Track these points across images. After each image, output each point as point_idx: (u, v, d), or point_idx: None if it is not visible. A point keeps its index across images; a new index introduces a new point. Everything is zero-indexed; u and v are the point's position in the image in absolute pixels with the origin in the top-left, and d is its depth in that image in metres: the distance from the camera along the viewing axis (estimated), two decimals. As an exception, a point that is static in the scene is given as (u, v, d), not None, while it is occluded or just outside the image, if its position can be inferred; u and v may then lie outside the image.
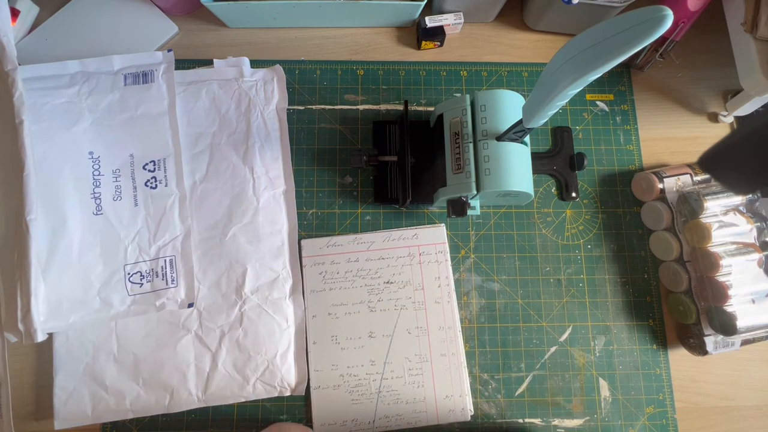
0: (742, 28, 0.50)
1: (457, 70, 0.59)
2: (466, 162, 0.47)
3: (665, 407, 0.51)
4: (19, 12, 0.54)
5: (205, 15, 0.59)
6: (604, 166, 0.56)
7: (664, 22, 0.25)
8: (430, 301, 0.51)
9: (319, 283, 0.52)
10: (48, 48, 0.56)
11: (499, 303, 0.53)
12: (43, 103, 0.50)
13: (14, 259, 0.43)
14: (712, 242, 0.47)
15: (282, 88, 0.56)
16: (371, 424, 0.48)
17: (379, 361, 0.50)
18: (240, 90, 0.55)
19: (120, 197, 0.50)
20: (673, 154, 0.57)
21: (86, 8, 0.57)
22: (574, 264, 0.54)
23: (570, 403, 0.50)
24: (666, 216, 0.51)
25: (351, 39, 0.59)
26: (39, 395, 0.49)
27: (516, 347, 0.52)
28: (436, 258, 0.53)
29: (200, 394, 0.48)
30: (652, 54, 0.56)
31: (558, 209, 0.55)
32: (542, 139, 0.57)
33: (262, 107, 0.55)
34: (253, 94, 0.55)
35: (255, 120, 0.54)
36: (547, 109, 0.36)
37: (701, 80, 0.59)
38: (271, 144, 0.54)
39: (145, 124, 0.52)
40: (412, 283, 0.52)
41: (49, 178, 0.48)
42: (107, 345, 0.48)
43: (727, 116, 0.57)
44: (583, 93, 0.58)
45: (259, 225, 0.51)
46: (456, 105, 0.49)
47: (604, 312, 0.53)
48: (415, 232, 0.53)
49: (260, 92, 0.55)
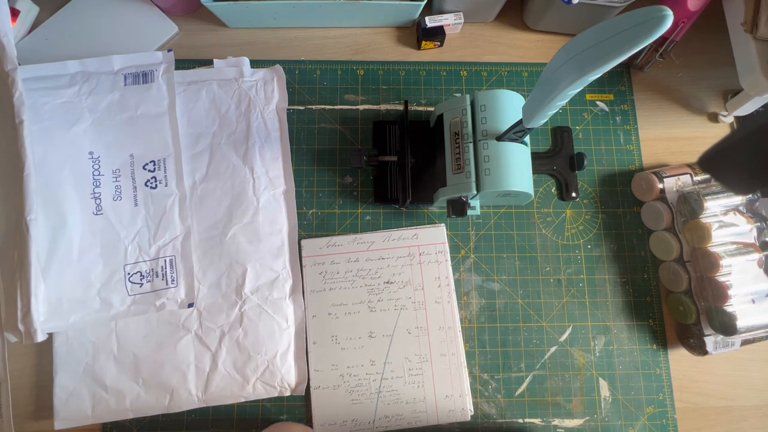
0: (742, 28, 0.50)
1: (457, 70, 0.59)
2: (466, 162, 0.47)
3: (665, 407, 0.51)
4: (19, 12, 0.54)
5: (205, 15, 0.59)
6: (604, 166, 0.56)
7: (664, 22, 0.25)
8: (430, 301, 0.51)
9: (319, 283, 0.52)
10: (48, 48, 0.56)
11: (499, 303, 0.52)
12: (43, 103, 0.50)
13: (14, 259, 0.43)
14: (712, 242, 0.47)
15: (282, 88, 0.56)
16: (371, 424, 0.48)
17: (379, 361, 0.50)
18: (240, 90, 0.55)
19: (120, 197, 0.50)
20: (673, 154, 0.57)
21: (86, 8, 0.57)
22: (574, 264, 0.54)
23: (570, 403, 0.50)
24: (666, 216, 0.51)
25: (351, 39, 0.59)
26: (39, 395, 0.49)
27: (516, 347, 0.52)
28: (436, 258, 0.53)
29: (200, 394, 0.48)
30: (652, 54, 0.56)
31: (558, 209, 0.55)
32: (542, 139, 0.57)
33: (262, 107, 0.55)
34: (253, 94, 0.55)
35: (255, 120, 0.54)
36: (547, 109, 0.36)
37: (701, 80, 0.59)
38: (271, 144, 0.54)
39: (145, 124, 0.52)
40: (412, 283, 0.52)
41: (49, 178, 0.48)
42: (107, 345, 0.48)
43: (727, 116, 0.57)
44: (583, 93, 0.58)
45: (259, 225, 0.51)
46: (456, 105, 0.49)
47: (604, 312, 0.53)
48: (415, 232, 0.53)
49: (260, 92, 0.55)
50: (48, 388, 0.48)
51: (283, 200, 0.53)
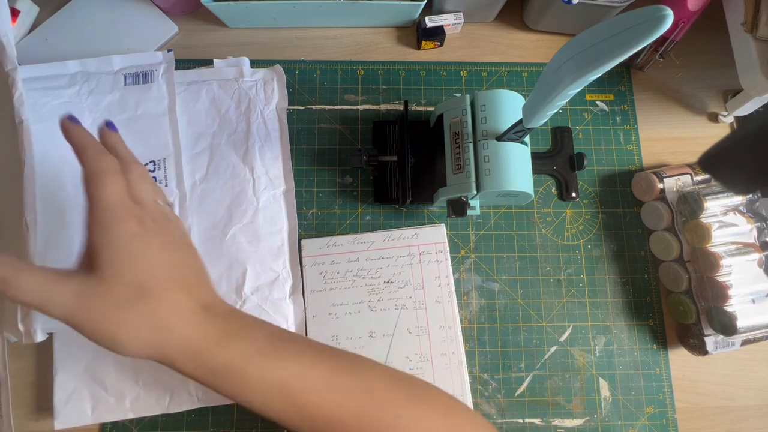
0: (742, 28, 0.50)
1: (457, 70, 0.59)
2: (466, 162, 0.47)
3: (665, 407, 0.51)
4: (19, 12, 0.54)
5: (205, 15, 0.59)
6: (604, 166, 0.56)
7: (664, 22, 0.25)
8: (431, 301, 0.51)
9: (319, 283, 0.52)
10: (48, 48, 0.56)
11: (499, 303, 0.52)
12: (44, 103, 0.50)
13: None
14: (712, 242, 0.47)
15: (282, 87, 0.56)
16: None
17: (380, 360, 0.50)
18: (240, 90, 0.55)
19: None
20: (673, 154, 0.57)
21: (86, 8, 0.57)
22: (574, 264, 0.54)
23: (570, 403, 0.50)
24: (666, 216, 0.51)
25: (351, 39, 0.59)
26: (39, 395, 0.49)
27: (516, 347, 0.52)
28: (436, 257, 0.53)
29: (200, 395, 0.48)
30: (652, 54, 0.56)
31: (558, 209, 0.55)
32: (542, 139, 0.57)
33: (262, 107, 0.55)
34: (253, 94, 0.55)
35: (255, 120, 0.54)
36: (547, 109, 0.36)
37: (701, 80, 0.59)
38: (271, 144, 0.54)
39: (145, 124, 0.51)
40: (412, 282, 0.52)
41: (49, 178, 0.48)
42: None
43: (727, 116, 0.57)
44: (583, 93, 0.58)
45: (259, 225, 0.51)
46: (456, 105, 0.49)
47: (604, 312, 0.53)
48: (415, 232, 0.53)
49: (260, 92, 0.55)
50: (48, 388, 0.48)
51: (283, 200, 0.53)
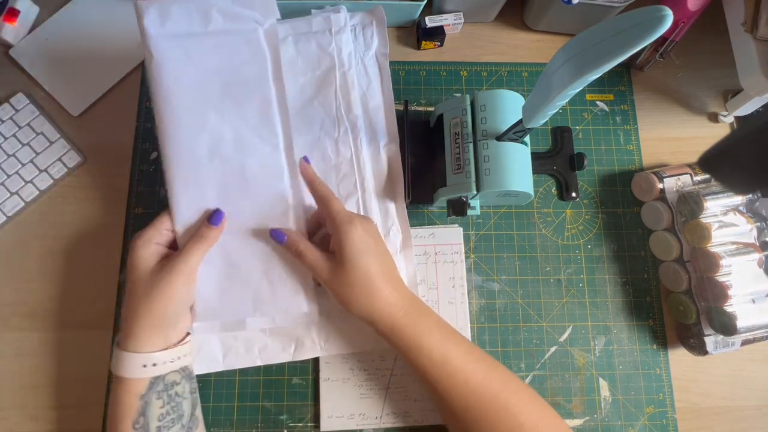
0: (742, 28, 0.50)
1: (457, 70, 0.59)
2: (466, 162, 0.47)
3: (665, 407, 0.51)
4: (19, 12, 0.54)
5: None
6: (604, 166, 0.56)
7: (664, 22, 0.25)
8: (444, 301, 0.51)
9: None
10: (48, 48, 0.56)
11: (499, 303, 0.52)
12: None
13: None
14: (712, 242, 0.47)
15: (382, 31, 0.53)
16: (378, 419, 0.48)
17: (389, 356, 0.50)
18: (337, 38, 0.52)
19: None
20: (673, 154, 0.57)
21: (86, 8, 0.57)
22: (574, 264, 0.54)
23: (570, 403, 0.50)
24: (666, 216, 0.51)
25: (351, 39, 0.59)
26: (39, 395, 0.49)
27: (516, 347, 0.52)
28: (452, 258, 0.52)
29: (322, 343, 0.48)
30: (652, 54, 0.56)
31: (558, 209, 0.55)
32: (542, 139, 0.57)
33: (363, 53, 0.52)
34: (351, 39, 0.52)
35: (353, 68, 0.52)
36: (547, 109, 0.36)
37: (701, 80, 0.59)
38: (372, 92, 0.52)
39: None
40: (426, 281, 0.52)
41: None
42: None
43: (727, 116, 0.57)
44: (583, 93, 0.58)
45: (366, 179, 0.51)
46: (456, 105, 0.49)
47: (604, 312, 0.53)
48: (431, 231, 0.53)
49: (359, 37, 0.53)
50: (46, 388, 0.48)
51: (384, 154, 0.52)
